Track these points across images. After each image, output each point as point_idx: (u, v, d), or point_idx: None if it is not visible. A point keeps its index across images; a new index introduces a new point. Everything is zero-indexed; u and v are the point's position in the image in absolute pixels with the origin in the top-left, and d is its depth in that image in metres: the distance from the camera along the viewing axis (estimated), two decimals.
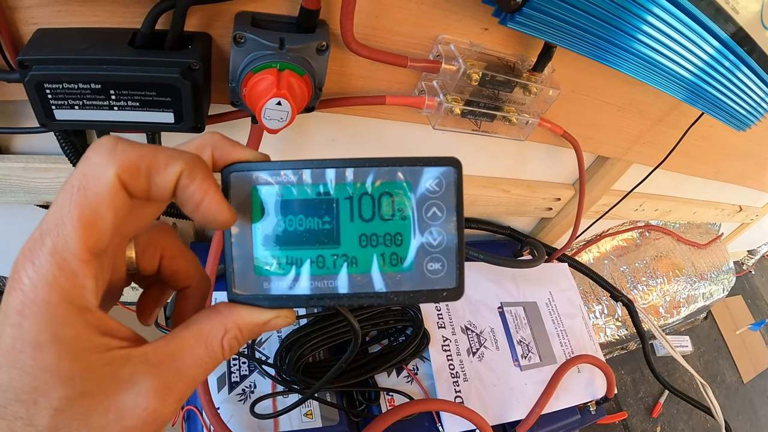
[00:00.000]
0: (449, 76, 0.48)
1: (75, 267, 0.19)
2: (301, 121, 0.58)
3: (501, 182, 0.78)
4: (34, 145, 0.56)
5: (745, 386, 1.85)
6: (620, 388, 1.54)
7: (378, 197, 0.24)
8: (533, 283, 0.81)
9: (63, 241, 0.19)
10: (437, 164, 0.25)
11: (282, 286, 0.24)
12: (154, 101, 0.41)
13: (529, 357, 0.71)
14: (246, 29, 0.39)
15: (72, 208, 0.19)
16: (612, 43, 0.46)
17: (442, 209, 0.25)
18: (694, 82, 0.53)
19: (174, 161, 0.21)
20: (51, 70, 0.37)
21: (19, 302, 0.19)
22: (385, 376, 0.61)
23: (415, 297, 0.25)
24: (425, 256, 0.25)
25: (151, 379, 0.21)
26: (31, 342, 0.19)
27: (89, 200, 0.19)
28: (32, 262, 0.19)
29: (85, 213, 0.19)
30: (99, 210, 0.19)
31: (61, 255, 0.19)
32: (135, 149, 0.20)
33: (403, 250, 0.25)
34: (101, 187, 0.19)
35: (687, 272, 1.42)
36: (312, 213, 0.24)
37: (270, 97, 0.37)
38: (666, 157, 0.79)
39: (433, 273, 0.25)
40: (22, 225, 0.70)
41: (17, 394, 0.19)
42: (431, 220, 0.25)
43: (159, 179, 0.20)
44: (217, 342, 0.23)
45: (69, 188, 0.19)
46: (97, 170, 0.19)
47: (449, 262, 0.25)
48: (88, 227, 0.19)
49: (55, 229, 0.19)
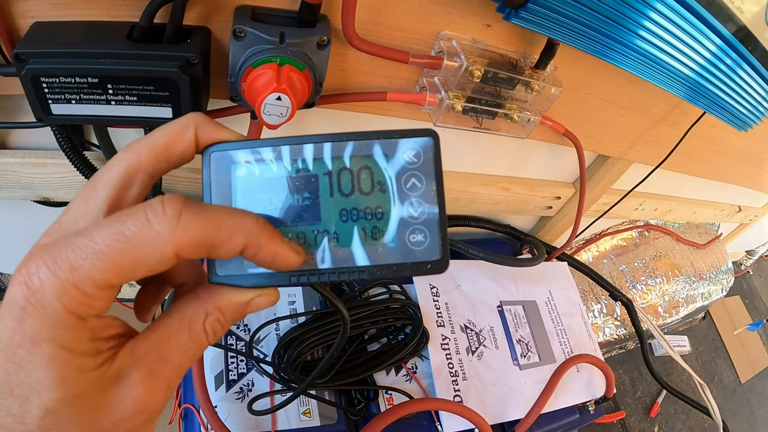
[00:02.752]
0: (451, 72, 0.48)
1: (92, 292, 0.19)
2: (300, 117, 0.57)
3: (501, 180, 0.78)
4: (31, 141, 0.55)
5: (742, 386, 1.86)
6: (618, 388, 1.54)
7: (357, 171, 0.24)
8: (533, 281, 0.81)
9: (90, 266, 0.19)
10: (414, 135, 0.24)
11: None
12: (152, 96, 0.40)
13: (529, 356, 0.71)
14: (246, 23, 0.39)
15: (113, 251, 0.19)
16: (615, 40, 0.45)
17: (421, 180, 0.24)
18: (696, 80, 0.53)
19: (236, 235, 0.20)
20: (47, 64, 0.36)
21: (23, 298, 0.19)
22: (383, 375, 0.60)
23: (399, 270, 0.24)
24: (407, 228, 0.24)
25: (137, 371, 0.21)
26: (31, 338, 0.19)
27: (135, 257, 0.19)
28: (48, 267, 0.19)
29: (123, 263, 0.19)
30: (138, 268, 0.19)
31: (81, 277, 0.19)
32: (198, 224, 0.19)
33: (384, 223, 0.24)
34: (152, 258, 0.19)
35: (686, 272, 1.42)
36: (292, 190, 0.24)
37: (270, 92, 0.37)
38: (666, 157, 0.79)
39: (416, 245, 0.24)
40: (18, 221, 0.70)
41: (12, 389, 0.19)
42: (411, 191, 0.24)
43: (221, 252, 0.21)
44: (200, 326, 0.23)
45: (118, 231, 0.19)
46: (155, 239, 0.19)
47: (432, 233, 0.24)
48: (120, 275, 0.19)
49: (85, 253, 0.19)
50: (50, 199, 0.61)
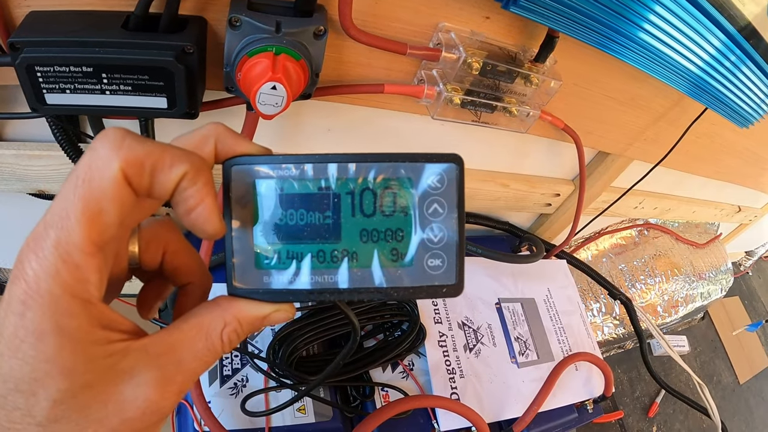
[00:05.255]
0: (449, 64, 0.47)
1: (78, 260, 0.19)
2: (297, 109, 0.57)
3: (500, 176, 0.77)
4: (27, 132, 0.55)
5: (741, 387, 1.85)
6: (617, 387, 1.53)
7: (379, 193, 0.24)
8: (531, 279, 0.81)
9: (67, 234, 0.19)
10: (439, 161, 0.25)
11: (282, 280, 0.24)
12: (146, 85, 0.40)
13: (527, 354, 0.71)
14: (242, 12, 0.38)
15: (76, 200, 0.19)
16: (618, 32, 0.45)
17: (443, 205, 0.25)
18: (699, 75, 0.53)
19: (180, 162, 0.20)
20: (42, 53, 0.36)
21: (22, 292, 0.19)
22: (380, 372, 0.60)
23: (415, 293, 0.25)
24: (425, 252, 0.25)
25: (150, 371, 0.21)
26: (33, 332, 0.19)
27: (94, 193, 0.19)
28: (36, 254, 0.19)
29: (89, 206, 0.19)
30: (103, 203, 0.19)
31: (65, 248, 0.19)
32: (142, 144, 0.20)
33: (403, 245, 0.25)
34: (106, 180, 0.19)
35: (685, 271, 1.41)
36: (313, 207, 0.24)
37: (265, 81, 0.36)
38: (667, 154, 0.79)
39: (433, 269, 0.25)
40: (13, 213, 0.69)
41: (17, 384, 0.19)
42: (432, 216, 0.25)
43: (162, 177, 0.20)
44: (217, 335, 0.23)
45: (74, 179, 0.19)
46: (102, 163, 0.19)
47: (449, 259, 0.25)
48: (92, 220, 0.19)
49: (59, 221, 0.19)
50: (45, 192, 0.60)
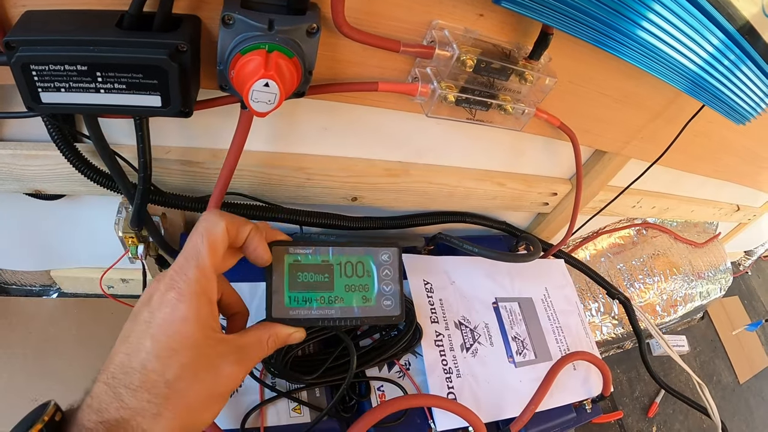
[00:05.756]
0: (443, 62, 0.47)
1: (209, 276, 0.35)
2: (292, 109, 0.57)
3: (497, 175, 0.77)
4: (24, 132, 0.55)
5: (741, 387, 1.85)
6: (616, 388, 1.53)
7: (355, 264, 0.44)
8: (529, 278, 0.80)
9: (202, 262, 0.35)
10: (388, 246, 0.46)
11: (300, 313, 0.42)
12: (141, 84, 0.40)
13: (524, 353, 0.70)
14: (235, 10, 0.38)
15: (204, 244, 0.35)
16: (614, 29, 0.44)
17: (391, 270, 0.46)
18: (698, 73, 0.52)
19: (248, 225, 0.38)
20: (37, 51, 0.36)
21: (175, 294, 0.33)
22: (376, 371, 0.60)
23: (377, 320, 0.45)
24: (382, 297, 0.45)
25: (236, 355, 0.36)
26: (181, 318, 0.33)
27: (212, 239, 0.35)
28: (186, 273, 0.34)
29: (212, 246, 0.35)
30: (217, 245, 0.36)
31: (201, 270, 0.34)
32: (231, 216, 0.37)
33: (369, 294, 0.44)
34: (218, 233, 0.36)
35: (684, 271, 1.41)
36: (318, 272, 0.43)
37: (257, 78, 0.36)
38: (664, 152, 0.79)
39: (386, 307, 0.45)
40: (10, 213, 0.69)
41: (158, 353, 0.31)
42: (385, 277, 0.45)
43: (242, 231, 0.38)
44: (265, 341, 0.39)
45: (199, 232, 0.36)
46: (214, 224, 0.36)
47: (396, 301, 0.45)
48: (213, 255, 0.35)
49: (196, 255, 0.35)
50: (42, 192, 0.60)
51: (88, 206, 0.70)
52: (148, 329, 0.32)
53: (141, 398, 0.30)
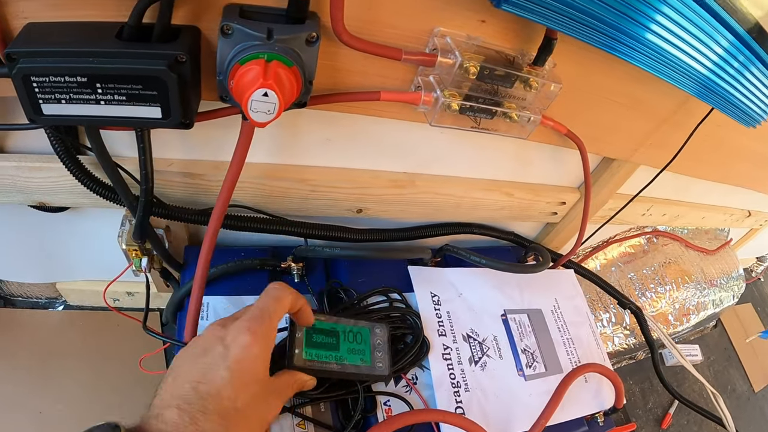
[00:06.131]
0: (446, 70, 0.47)
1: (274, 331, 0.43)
2: (294, 119, 0.56)
3: (504, 185, 0.76)
4: (27, 145, 0.56)
5: (756, 395, 1.81)
6: (629, 399, 1.50)
7: (356, 333, 0.55)
8: (538, 290, 0.79)
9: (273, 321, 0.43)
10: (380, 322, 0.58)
11: (315, 365, 0.50)
12: (140, 95, 0.40)
13: (534, 366, 0.69)
14: (233, 20, 0.38)
15: (278, 307, 0.44)
16: (621, 32, 0.44)
17: (382, 341, 0.56)
18: (707, 76, 0.51)
19: (302, 298, 0.47)
20: (37, 63, 0.36)
21: (251, 338, 0.40)
22: (382, 386, 0.58)
23: (371, 377, 0.55)
24: (375, 360, 0.55)
25: (278, 393, 0.44)
26: (252, 357, 0.40)
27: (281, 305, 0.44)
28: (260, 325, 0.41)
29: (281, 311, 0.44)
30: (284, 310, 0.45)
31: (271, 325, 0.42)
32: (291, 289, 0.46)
33: (366, 357, 0.54)
34: (286, 302, 0.45)
35: (696, 279, 1.39)
36: (329, 335, 0.53)
37: (256, 87, 0.36)
38: (674, 158, 0.77)
39: (378, 367, 0.54)
40: (15, 225, 0.69)
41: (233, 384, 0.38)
42: (377, 345, 0.56)
43: (298, 303, 0.47)
44: (292, 384, 0.47)
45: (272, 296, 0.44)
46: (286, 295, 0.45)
47: (386, 363, 0.55)
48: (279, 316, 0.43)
49: (269, 314, 0.43)
50: (46, 204, 0.60)
51: (92, 219, 0.70)
52: (224, 362, 0.38)
53: (213, 420, 0.36)
